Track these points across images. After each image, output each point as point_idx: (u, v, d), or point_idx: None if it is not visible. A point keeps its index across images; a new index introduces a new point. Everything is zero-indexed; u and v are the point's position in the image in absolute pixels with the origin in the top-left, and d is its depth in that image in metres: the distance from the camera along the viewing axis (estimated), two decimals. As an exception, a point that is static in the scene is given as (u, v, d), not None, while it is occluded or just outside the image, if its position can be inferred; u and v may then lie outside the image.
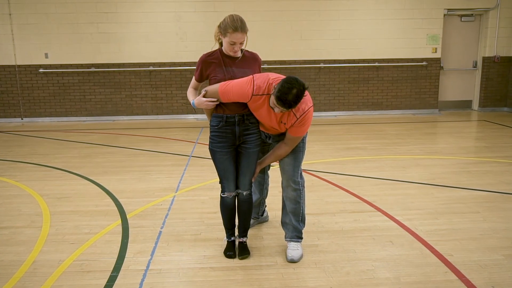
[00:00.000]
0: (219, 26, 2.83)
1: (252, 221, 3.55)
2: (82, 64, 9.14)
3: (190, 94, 3.00)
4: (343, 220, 3.68)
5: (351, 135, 7.31)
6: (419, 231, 3.41)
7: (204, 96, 2.83)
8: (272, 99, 2.65)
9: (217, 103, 2.82)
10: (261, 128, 3.08)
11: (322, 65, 9.37)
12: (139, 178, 4.98)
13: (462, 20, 9.63)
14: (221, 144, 2.88)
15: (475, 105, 10.00)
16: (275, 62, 9.20)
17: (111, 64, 9.17)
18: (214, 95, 2.80)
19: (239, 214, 3.07)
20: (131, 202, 4.20)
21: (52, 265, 2.97)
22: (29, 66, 9.13)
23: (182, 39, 9.09)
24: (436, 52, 9.48)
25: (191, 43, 9.04)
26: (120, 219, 3.77)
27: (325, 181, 4.76)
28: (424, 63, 9.47)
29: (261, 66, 3.11)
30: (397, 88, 9.67)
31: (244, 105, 2.84)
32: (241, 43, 2.80)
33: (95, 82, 9.26)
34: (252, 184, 3.07)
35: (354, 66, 9.48)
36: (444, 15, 9.37)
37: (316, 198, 4.21)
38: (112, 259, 3.05)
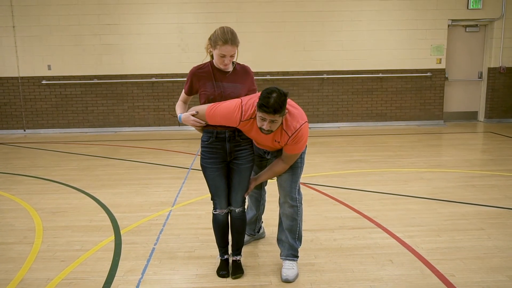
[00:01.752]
0: (209, 39, 2.77)
1: (248, 237, 3.46)
2: (84, 76, 9.15)
3: (179, 107, 2.94)
4: (342, 237, 3.57)
5: (353, 147, 7.20)
6: (420, 249, 3.29)
7: (193, 115, 2.76)
8: (257, 117, 2.58)
9: (204, 125, 2.76)
10: (257, 146, 3.01)
11: (325, 76, 9.30)
12: (137, 192, 4.90)
13: (467, 30, 9.54)
14: (212, 160, 2.80)
15: (481, 116, 9.86)
16: (277, 73, 9.14)
17: (113, 75, 9.17)
18: (202, 117, 2.74)
19: (232, 232, 2.97)
20: (126, 217, 4.12)
21: (40, 284, 2.89)
22: (32, 77, 9.15)
23: (185, 50, 9.08)
24: (440, 63, 9.38)
25: (193, 54, 9.01)
26: (113, 235, 3.68)
27: (325, 195, 4.66)
28: (428, 74, 9.37)
29: (265, 78, 3.03)
30: (401, 99, 9.56)
31: None
32: (232, 56, 2.73)
33: (97, 94, 9.26)
34: (246, 201, 2.98)
35: (358, 77, 9.40)
36: (449, 25, 9.28)
37: (315, 213, 4.10)
38: (102, 277, 2.96)
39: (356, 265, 3.07)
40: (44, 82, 9.12)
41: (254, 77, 2.98)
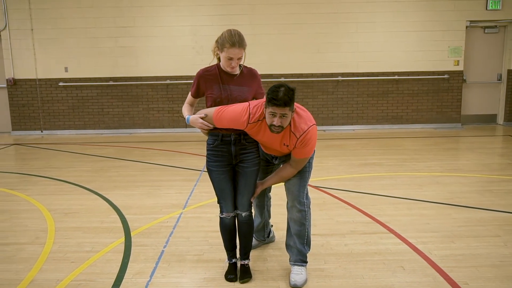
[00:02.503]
0: (216, 41, 2.75)
1: (257, 242, 3.43)
2: (100, 78, 9.25)
3: (185, 109, 2.94)
4: (353, 242, 3.51)
5: (368, 150, 7.11)
6: (433, 256, 3.22)
7: (201, 118, 2.75)
8: (267, 114, 2.56)
9: (211, 128, 2.74)
10: (265, 151, 2.99)
11: (340, 78, 9.22)
12: (148, 194, 4.92)
13: (486, 32, 9.34)
14: (217, 163, 2.79)
15: (500, 119, 9.65)
16: (292, 76, 9.09)
17: (128, 77, 9.25)
18: (210, 120, 2.73)
19: (240, 236, 2.95)
20: (137, 218, 4.13)
21: (49, 285, 2.91)
22: (49, 79, 9.29)
23: (199, 53, 9.10)
24: (458, 64, 9.21)
25: (208, 57, 8.90)
26: (123, 237, 3.69)
27: (337, 199, 4.60)
28: (445, 76, 9.21)
29: (279, 80, 3.02)
30: (418, 101, 9.42)
31: None
32: (239, 59, 2.71)
33: (113, 96, 9.35)
34: (252, 206, 2.95)
35: (373, 79, 9.29)
36: (467, 27, 9.11)
37: (326, 218, 4.05)
38: (110, 279, 2.97)
39: (367, 271, 3.01)
40: (61, 84, 9.25)
41: (269, 80, 2.96)
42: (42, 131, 9.50)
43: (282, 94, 2.49)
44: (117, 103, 9.39)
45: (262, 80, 2.97)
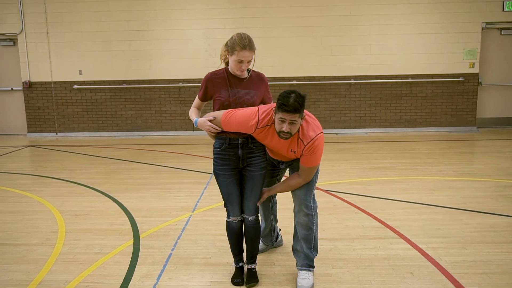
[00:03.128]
0: (226, 45, 2.76)
1: (264, 246, 3.42)
2: (114, 81, 9.36)
3: (193, 113, 2.94)
4: (362, 247, 3.47)
5: (380, 154, 7.04)
6: (443, 262, 3.16)
7: (210, 121, 2.75)
8: (276, 120, 2.55)
9: (219, 131, 2.74)
10: (271, 155, 2.98)
11: (352, 81, 9.16)
12: (159, 196, 4.94)
13: (502, 33, 9.19)
14: (224, 166, 2.78)
15: (517, 123, 9.47)
16: (304, 78, 9.06)
17: (141, 80, 9.33)
18: (218, 123, 2.73)
19: (246, 240, 2.94)
20: (146, 221, 4.15)
21: (58, 286, 2.93)
22: (64, 82, 9.43)
23: (211, 56, 9.14)
24: (473, 67, 9.07)
25: (220, 60, 9.03)
26: (132, 239, 3.71)
27: (347, 203, 4.55)
28: (460, 78, 9.08)
29: (291, 82, 3.01)
30: (432, 104, 9.30)
31: None
32: (249, 62, 2.71)
33: (126, 98, 9.45)
34: (259, 211, 2.94)
35: (386, 82, 9.21)
36: (482, 28, 8.97)
37: (335, 222, 4.01)
38: (118, 282, 2.98)
39: (375, 277, 2.97)
40: (75, 87, 9.38)
41: (281, 83, 2.96)
42: (56, 133, 9.63)
43: (292, 100, 2.48)
44: (130, 106, 9.47)
45: (274, 83, 2.98)
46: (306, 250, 2.93)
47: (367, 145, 7.86)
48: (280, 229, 3.53)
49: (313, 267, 2.95)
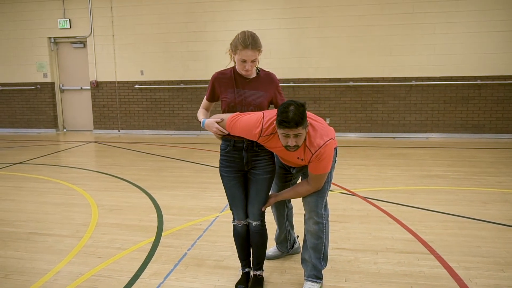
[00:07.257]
0: (231, 44, 2.68)
1: (279, 253, 3.29)
2: (172, 81, 9.65)
3: (201, 114, 2.89)
4: (384, 260, 3.22)
5: (435, 161, 6.55)
6: (472, 284, 2.82)
7: (218, 123, 2.69)
8: (280, 135, 2.44)
9: (226, 133, 2.66)
10: (282, 161, 2.85)
11: (413, 82, 8.65)
12: (193, 195, 4.99)
13: None
14: (229, 168, 2.71)
15: None
16: (361, 80, 8.71)
17: (198, 80, 9.54)
18: (224, 126, 2.65)
19: (252, 246, 2.83)
20: (174, 219, 4.20)
21: (71, 278, 3.04)
22: (127, 82, 9.91)
23: (266, 56, 9.09)
24: (554, 68, 8.16)
25: (274, 60, 9.00)
26: (154, 236, 3.76)
27: (383, 211, 4.27)
28: (538, 81, 8.21)
29: (347, 84, 2.87)
30: (504, 109, 8.50)
31: None
32: (253, 62, 2.61)
33: (183, 98, 9.71)
34: (265, 215, 2.82)
35: (452, 84, 8.57)
36: None
37: (364, 231, 3.77)
38: (127, 277, 3.02)
39: (389, 295, 2.73)
40: (137, 86, 9.81)
41: (336, 84, 2.83)
42: (119, 130, 10.15)
43: (292, 114, 2.34)
44: (187, 105, 9.72)
45: (330, 84, 2.85)
46: (315, 260, 2.77)
47: (424, 151, 7.36)
48: (297, 236, 3.38)
49: (321, 279, 2.77)
